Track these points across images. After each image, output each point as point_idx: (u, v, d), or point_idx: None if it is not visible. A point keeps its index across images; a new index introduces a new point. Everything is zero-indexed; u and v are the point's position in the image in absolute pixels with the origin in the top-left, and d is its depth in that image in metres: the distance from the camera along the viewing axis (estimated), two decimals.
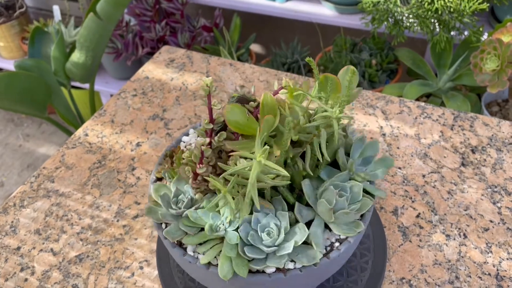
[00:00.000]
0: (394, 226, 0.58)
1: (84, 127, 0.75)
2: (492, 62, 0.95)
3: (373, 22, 1.17)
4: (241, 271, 0.38)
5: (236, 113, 0.37)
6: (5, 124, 1.96)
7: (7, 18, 1.67)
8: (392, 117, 0.74)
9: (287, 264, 0.40)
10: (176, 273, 0.53)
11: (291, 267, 0.40)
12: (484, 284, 0.52)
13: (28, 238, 0.59)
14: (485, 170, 0.65)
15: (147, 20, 1.43)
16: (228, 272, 0.38)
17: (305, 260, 0.39)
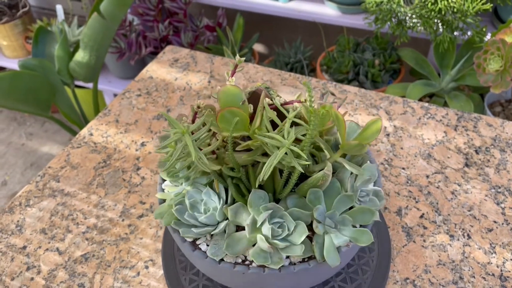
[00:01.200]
0: (398, 227, 0.59)
1: (88, 127, 0.75)
2: (495, 63, 0.95)
3: (376, 22, 1.17)
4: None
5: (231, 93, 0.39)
6: (8, 123, 1.96)
7: (10, 18, 1.67)
8: (395, 117, 0.74)
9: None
10: (181, 272, 0.53)
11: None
12: (488, 285, 0.52)
13: (34, 238, 0.60)
14: (489, 171, 0.65)
15: (150, 20, 1.44)
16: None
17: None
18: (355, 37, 1.38)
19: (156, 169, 0.67)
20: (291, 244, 0.39)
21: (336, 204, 0.41)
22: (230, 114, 0.39)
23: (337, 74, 1.33)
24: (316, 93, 0.79)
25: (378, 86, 1.31)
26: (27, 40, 1.73)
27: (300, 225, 0.40)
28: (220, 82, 0.83)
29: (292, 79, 0.83)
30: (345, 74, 1.32)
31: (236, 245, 0.40)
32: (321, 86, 0.81)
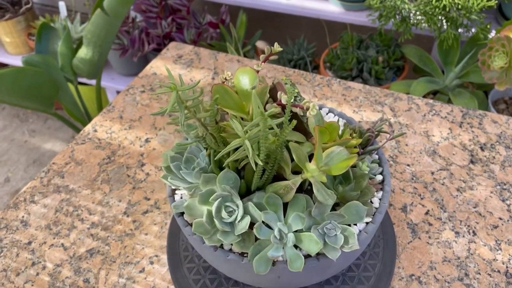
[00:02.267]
0: (403, 223, 0.58)
1: (93, 123, 0.75)
2: (500, 60, 0.95)
3: (380, 19, 1.16)
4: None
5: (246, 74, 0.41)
6: (10, 119, 1.97)
7: (13, 14, 1.67)
8: (400, 114, 0.74)
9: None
10: (186, 268, 0.53)
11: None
12: (493, 281, 0.52)
13: (38, 234, 0.60)
14: (494, 168, 0.65)
15: (153, 17, 1.43)
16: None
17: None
18: (359, 34, 1.38)
19: (161, 166, 0.67)
20: (229, 231, 0.40)
21: (291, 220, 0.40)
22: (223, 90, 0.41)
23: (340, 71, 1.33)
24: (320, 89, 0.79)
25: (381, 83, 1.30)
26: (30, 37, 1.73)
27: (246, 219, 0.40)
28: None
29: (296, 75, 0.82)
30: (349, 71, 1.32)
31: (191, 210, 0.42)
32: (325, 83, 0.80)
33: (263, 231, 0.39)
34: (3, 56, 1.78)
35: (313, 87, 0.80)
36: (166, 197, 0.63)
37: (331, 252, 0.39)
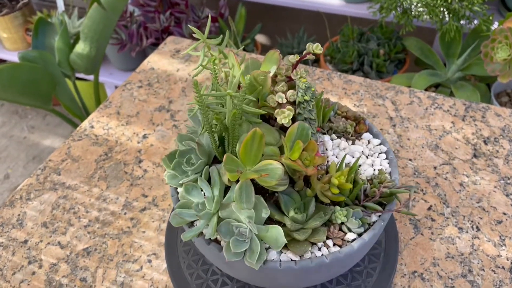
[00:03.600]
0: (406, 219, 0.57)
1: (89, 119, 0.74)
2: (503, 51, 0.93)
3: (381, 11, 1.15)
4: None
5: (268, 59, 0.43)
6: (9, 116, 1.96)
7: (10, 9, 1.66)
8: (402, 107, 0.72)
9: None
10: (185, 265, 0.53)
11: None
12: (497, 278, 0.51)
13: (35, 231, 0.59)
14: (498, 162, 0.64)
15: (152, 11, 1.42)
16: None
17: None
18: (360, 27, 1.36)
19: (159, 162, 0.66)
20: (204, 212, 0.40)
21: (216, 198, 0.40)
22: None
23: (341, 65, 1.31)
24: (320, 83, 0.78)
25: (383, 76, 1.29)
26: (27, 32, 1.71)
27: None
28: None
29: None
30: (350, 64, 1.31)
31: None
32: (325, 76, 0.79)
33: (194, 192, 0.41)
34: (1, 52, 1.77)
35: (313, 80, 0.78)
36: (164, 194, 0.62)
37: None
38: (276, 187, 0.38)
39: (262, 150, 0.38)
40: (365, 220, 0.41)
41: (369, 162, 0.47)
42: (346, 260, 0.40)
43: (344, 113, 0.51)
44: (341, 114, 0.51)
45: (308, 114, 0.42)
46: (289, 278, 0.40)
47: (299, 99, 0.41)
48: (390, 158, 0.47)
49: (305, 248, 0.39)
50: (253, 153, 0.37)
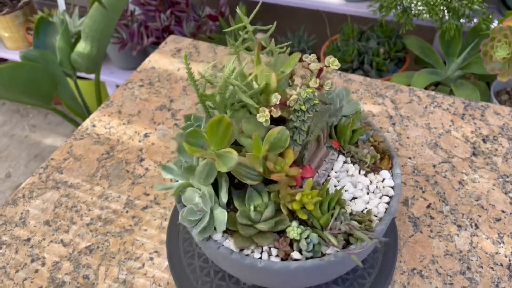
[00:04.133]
0: (405, 217, 0.58)
1: (91, 118, 0.75)
2: (502, 50, 0.94)
3: (381, 10, 1.15)
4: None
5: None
6: (11, 115, 1.96)
7: (12, 9, 1.66)
8: (401, 106, 0.73)
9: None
10: (186, 263, 0.53)
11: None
12: (496, 275, 0.52)
13: (38, 229, 0.59)
14: (497, 160, 0.64)
15: (152, 10, 1.42)
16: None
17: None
18: (359, 26, 1.37)
19: (160, 161, 0.67)
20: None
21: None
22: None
23: (341, 63, 1.32)
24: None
25: (383, 75, 1.29)
26: (28, 31, 1.71)
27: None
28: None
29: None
30: (350, 63, 1.31)
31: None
32: None
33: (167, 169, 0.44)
34: (2, 51, 1.78)
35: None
36: (165, 193, 0.62)
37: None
38: (244, 178, 0.40)
39: (228, 136, 0.38)
40: (317, 248, 0.40)
41: (366, 199, 0.44)
42: (294, 273, 0.40)
43: (376, 143, 0.49)
44: (372, 142, 0.49)
45: (299, 124, 0.40)
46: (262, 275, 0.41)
47: (296, 106, 0.40)
48: (391, 206, 0.43)
49: (245, 244, 0.40)
50: (219, 136, 0.38)
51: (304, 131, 0.41)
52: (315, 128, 0.43)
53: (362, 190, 0.45)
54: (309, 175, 0.42)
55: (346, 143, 0.48)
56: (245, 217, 0.41)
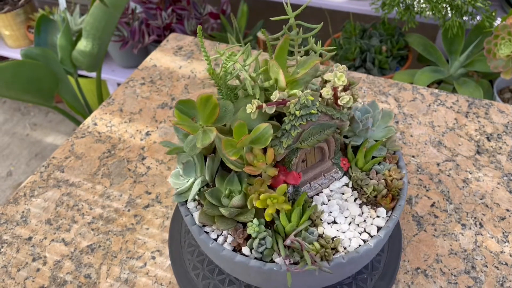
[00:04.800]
0: (409, 216, 0.57)
1: (92, 116, 0.74)
2: (506, 48, 0.93)
3: (383, 8, 1.14)
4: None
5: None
6: (12, 113, 1.96)
7: (12, 7, 1.66)
8: (405, 104, 0.72)
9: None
10: (188, 262, 0.53)
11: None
12: (501, 274, 0.51)
13: (39, 228, 0.59)
14: (501, 158, 0.64)
15: (153, 8, 1.42)
16: None
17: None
18: (362, 23, 1.36)
19: (162, 159, 0.66)
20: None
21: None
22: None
23: (343, 61, 1.31)
24: None
25: (385, 73, 1.29)
26: (29, 30, 1.71)
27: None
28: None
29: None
30: (352, 61, 1.30)
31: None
32: None
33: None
34: (3, 49, 1.77)
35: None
36: (167, 191, 0.62)
37: None
38: (228, 162, 0.40)
39: (215, 115, 0.39)
40: (268, 252, 0.40)
41: (344, 228, 0.42)
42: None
43: (390, 178, 0.44)
44: (386, 176, 0.45)
45: (289, 127, 0.39)
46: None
47: (292, 109, 0.39)
48: (365, 246, 0.40)
49: (206, 221, 0.41)
50: (206, 113, 0.39)
51: (293, 136, 0.39)
52: (310, 138, 0.40)
53: (346, 218, 0.43)
54: (292, 181, 0.41)
55: (358, 166, 0.46)
56: (214, 197, 0.42)
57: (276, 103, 0.39)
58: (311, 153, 0.44)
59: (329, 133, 0.42)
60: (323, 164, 0.45)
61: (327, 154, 0.45)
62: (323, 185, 0.45)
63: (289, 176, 0.41)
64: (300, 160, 0.43)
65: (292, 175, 0.41)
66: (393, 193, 0.43)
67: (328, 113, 0.40)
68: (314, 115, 0.39)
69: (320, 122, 0.40)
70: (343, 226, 0.42)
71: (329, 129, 0.41)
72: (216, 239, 0.42)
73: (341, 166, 0.46)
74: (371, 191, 0.43)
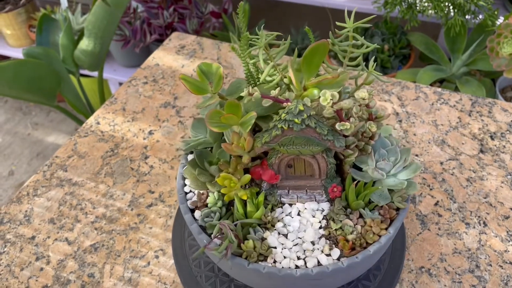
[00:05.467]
0: (412, 214, 0.57)
1: (95, 115, 0.74)
2: (509, 46, 0.93)
3: (385, 6, 1.14)
4: None
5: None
6: (13, 112, 1.96)
7: (14, 6, 1.66)
8: (408, 103, 0.72)
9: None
10: (192, 261, 0.53)
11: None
12: (505, 273, 0.51)
13: (42, 228, 0.59)
14: (505, 157, 0.63)
15: (155, 7, 1.41)
16: None
17: None
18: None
19: (165, 158, 0.66)
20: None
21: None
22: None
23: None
24: None
25: (387, 71, 1.28)
26: (31, 29, 1.71)
27: None
28: (228, 68, 0.81)
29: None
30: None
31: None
32: None
33: None
34: (4, 49, 1.77)
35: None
36: (170, 190, 0.62)
37: None
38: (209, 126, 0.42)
39: (220, 86, 0.40)
40: (209, 226, 0.42)
41: (288, 245, 0.41)
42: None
43: (367, 228, 0.41)
44: (365, 226, 0.41)
45: (272, 127, 0.39)
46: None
47: (281, 111, 0.39)
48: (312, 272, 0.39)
49: (187, 174, 0.46)
50: (215, 81, 0.40)
51: (270, 136, 0.39)
52: (292, 146, 0.40)
53: (298, 239, 0.42)
54: (266, 178, 0.42)
55: (347, 202, 0.43)
56: (201, 157, 0.46)
57: (272, 98, 0.39)
58: (300, 163, 0.43)
59: (316, 150, 0.40)
60: (311, 180, 0.44)
61: (316, 172, 0.43)
62: (300, 199, 0.44)
63: (266, 172, 0.42)
64: (283, 163, 0.42)
65: (268, 172, 0.42)
66: (360, 243, 0.40)
67: (318, 131, 0.38)
68: (296, 125, 0.38)
69: (305, 135, 0.39)
70: (288, 243, 0.41)
71: (315, 146, 0.39)
72: (188, 193, 0.46)
73: (328, 192, 0.43)
74: (337, 228, 0.42)
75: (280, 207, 0.44)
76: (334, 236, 0.42)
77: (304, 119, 0.38)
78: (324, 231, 0.42)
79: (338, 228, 0.42)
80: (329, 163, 0.42)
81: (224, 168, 0.43)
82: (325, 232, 0.42)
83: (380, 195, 0.42)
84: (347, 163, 0.42)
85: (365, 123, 0.42)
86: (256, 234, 0.42)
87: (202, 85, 0.40)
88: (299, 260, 0.40)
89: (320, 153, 0.41)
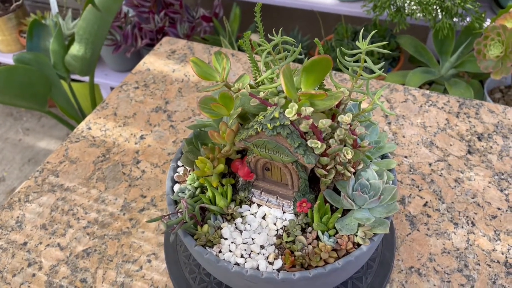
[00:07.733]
0: (402, 215, 0.58)
1: (86, 121, 0.74)
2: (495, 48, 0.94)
3: (374, 10, 1.15)
4: None
5: None
6: (4, 118, 1.95)
7: (4, 11, 1.65)
8: (397, 105, 0.73)
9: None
10: (184, 265, 0.53)
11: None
12: (493, 272, 0.52)
13: (34, 233, 0.59)
14: (492, 158, 0.65)
15: (146, 11, 1.42)
16: None
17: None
18: (353, 25, 1.37)
19: (157, 162, 0.67)
20: None
21: None
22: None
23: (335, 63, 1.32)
24: None
25: None
26: (21, 34, 1.70)
27: None
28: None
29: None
30: None
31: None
32: None
33: None
34: None
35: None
36: (162, 194, 0.62)
37: None
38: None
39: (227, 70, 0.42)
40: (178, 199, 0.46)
41: (238, 241, 0.42)
42: None
43: (317, 250, 0.40)
44: (317, 248, 0.41)
45: (249, 126, 0.40)
46: None
47: (261, 114, 0.40)
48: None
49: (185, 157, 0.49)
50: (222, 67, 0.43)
51: (246, 134, 0.40)
52: (264, 149, 0.40)
53: (251, 239, 0.43)
54: (240, 173, 0.44)
55: (313, 221, 0.42)
56: (199, 138, 0.49)
57: (259, 98, 0.40)
58: (277, 169, 0.43)
59: (286, 160, 0.40)
60: (285, 189, 0.44)
61: (289, 183, 0.43)
62: (269, 203, 0.45)
63: (242, 168, 0.44)
64: (260, 164, 0.44)
65: (245, 169, 0.44)
66: (302, 262, 0.40)
67: (288, 142, 0.39)
68: (268, 130, 0.39)
69: (276, 141, 0.39)
70: (238, 240, 0.43)
71: (285, 156, 0.40)
72: (177, 168, 0.50)
73: (296, 206, 0.43)
74: (288, 241, 0.42)
75: (248, 205, 0.46)
76: (284, 248, 0.42)
77: (276, 126, 0.38)
78: (277, 240, 0.43)
79: (290, 242, 0.42)
80: (300, 176, 0.42)
81: (207, 152, 0.46)
82: (277, 241, 0.43)
83: (346, 225, 0.41)
84: (323, 182, 0.42)
85: (343, 148, 0.39)
86: (215, 222, 0.44)
87: (211, 71, 0.42)
88: (241, 258, 0.41)
89: (290, 164, 0.41)
